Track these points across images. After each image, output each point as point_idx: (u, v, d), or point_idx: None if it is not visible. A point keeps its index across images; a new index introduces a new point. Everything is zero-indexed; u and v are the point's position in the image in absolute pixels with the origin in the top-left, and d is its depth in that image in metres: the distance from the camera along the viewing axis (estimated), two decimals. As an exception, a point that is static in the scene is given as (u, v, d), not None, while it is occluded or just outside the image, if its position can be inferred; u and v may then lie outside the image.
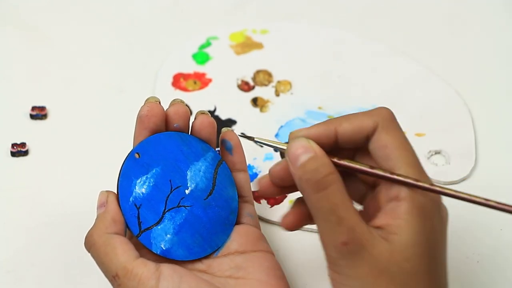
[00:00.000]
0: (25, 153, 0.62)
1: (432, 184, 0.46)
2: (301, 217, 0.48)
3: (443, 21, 0.75)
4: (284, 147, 0.47)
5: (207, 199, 0.51)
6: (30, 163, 0.61)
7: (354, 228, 0.44)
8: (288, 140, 0.48)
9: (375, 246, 0.44)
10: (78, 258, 0.54)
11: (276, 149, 0.51)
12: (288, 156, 0.46)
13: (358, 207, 0.49)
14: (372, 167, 0.47)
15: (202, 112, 0.52)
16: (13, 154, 0.61)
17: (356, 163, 0.47)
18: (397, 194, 0.45)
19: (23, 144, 0.62)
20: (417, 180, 0.45)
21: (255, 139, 0.50)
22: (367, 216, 0.47)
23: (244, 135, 0.52)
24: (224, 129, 0.53)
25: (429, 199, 0.46)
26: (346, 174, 0.48)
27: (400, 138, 0.47)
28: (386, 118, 0.48)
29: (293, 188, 0.47)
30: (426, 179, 0.46)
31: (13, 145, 0.61)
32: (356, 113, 0.48)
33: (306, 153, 0.46)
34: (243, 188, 0.53)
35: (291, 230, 0.49)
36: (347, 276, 0.45)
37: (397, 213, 0.45)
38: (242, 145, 0.53)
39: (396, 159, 0.46)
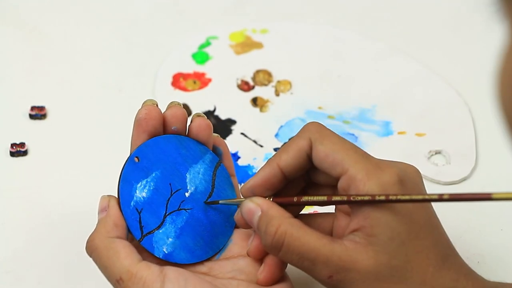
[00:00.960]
0: (24, 153, 0.61)
1: (386, 195, 0.45)
2: (275, 268, 0.49)
3: (444, 21, 0.75)
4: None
5: (207, 201, 0.51)
6: (29, 163, 0.61)
7: (330, 259, 0.45)
8: (243, 195, 0.50)
9: (358, 261, 0.45)
10: (78, 258, 0.53)
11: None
12: (246, 220, 0.49)
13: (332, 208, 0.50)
14: (328, 196, 0.48)
15: (198, 115, 0.52)
16: (12, 154, 0.61)
17: (314, 196, 0.49)
18: (357, 192, 0.46)
19: (22, 144, 0.61)
20: (373, 196, 0.45)
21: (220, 202, 0.52)
22: (342, 215, 0.48)
23: (207, 202, 0.52)
24: (213, 135, 0.53)
25: (388, 181, 0.46)
26: (308, 187, 0.50)
27: (337, 143, 0.48)
28: (316, 131, 0.49)
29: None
30: (379, 173, 0.46)
31: (12, 145, 0.61)
32: (289, 141, 0.50)
33: (255, 214, 0.48)
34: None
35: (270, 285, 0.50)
36: None
37: (364, 213, 0.46)
38: (243, 144, 0.53)
39: (342, 163, 0.47)
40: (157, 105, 0.51)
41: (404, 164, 0.48)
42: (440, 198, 0.45)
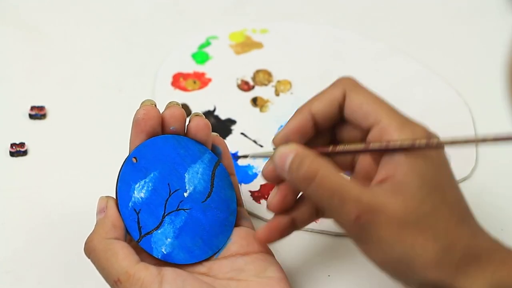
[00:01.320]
0: (24, 153, 0.61)
1: (428, 140, 0.47)
2: (287, 198, 0.50)
3: (444, 21, 0.75)
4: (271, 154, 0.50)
5: (206, 201, 0.51)
6: (29, 163, 0.61)
7: (360, 199, 0.46)
8: (275, 145, 0.50)
9: (387, 205, 0.46)
10: (78, 258, 0.53)
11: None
12: (277, 168, 0.49)
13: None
14: (366, 144, 0.49)
15: (196, 114, 0.52)
16: (12, 154, 0.61)
17: (351, 144, 0.49)
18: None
19: (22, 144, 0.61)
20: (413, 141, 0.47)
21: (250, 156, 0.52)
22: (366, 177, 0.49)
23: (238, 156, 0.53)
24: (212, 134, 0.53)
25: (421, 136, 0.47)
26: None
27: (370, 95, 0.49)
28: (351, 83, 0.50)
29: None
30: (412, 126, 0.48)
31: (12, 145, 0.61)
32: (322, 91, 0.51)
33: (288, 157, 0.48)
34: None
35: (277, 212, 0.50)
36: (373, 243, 0.46)
37: (395, 162, 0.47)
38: (243, 144, 0.53)
39: (375, 113, 0.48)
40: (155, 105, 0.51)
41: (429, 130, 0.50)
42: (484, 139, 0.48)
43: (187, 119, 0.52)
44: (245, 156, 0.52)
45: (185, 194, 0.51)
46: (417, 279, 0.47)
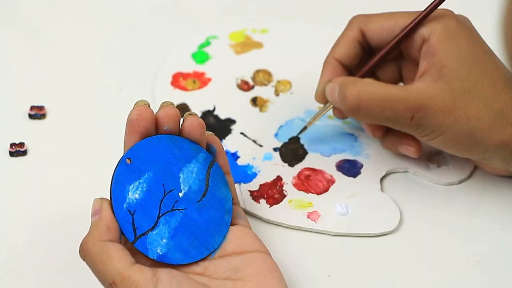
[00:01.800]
0: (24, 153, 0.61)
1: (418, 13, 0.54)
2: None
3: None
4: (329, 107, 0.59)
5: (201, 201, 0.51)
6: (29, 163, 0.61)
7: (407, 101, 0.52)
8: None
9: (433, 95, 0.52)
10: (77, 258, 0.53)
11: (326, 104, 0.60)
12: (333, 103, 0.57)
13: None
14: (379, 51, 0.56)
15: (190, 114, 0.52)
16: (12, 154, 0.61)
17: (371, 61, 0.57)
18: (422, 38, 0.53)
19: (21, 144, 0.61)
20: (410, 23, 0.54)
21: (308, 125, 0.61)
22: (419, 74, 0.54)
23: (300, 132, 0.61)
24: (207, 133, 0.53)
25: (448, 20, 0.53)
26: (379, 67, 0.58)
27: (384, 15, 0.59)
28: (362, 17, 0.59)
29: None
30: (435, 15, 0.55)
31: (12, 145, 0.61)
32: (339, 36, 0.59)
33: (335, 89, 0.55)
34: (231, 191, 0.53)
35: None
36: (434, 131, 0.53)
37: (432, 50, 0.53)
38: (242, 144, 0.54)
39: (396, 23, 0.56)
40: (149, 106, 0.51)
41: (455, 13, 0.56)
42: None
43: (181, 119, 0.52)
44: (304, 129, 0.61)
45: (180, 194, 0.51)
46: (481, 147, 0.54)
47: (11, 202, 0.58)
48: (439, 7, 0.55)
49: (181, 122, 0.52)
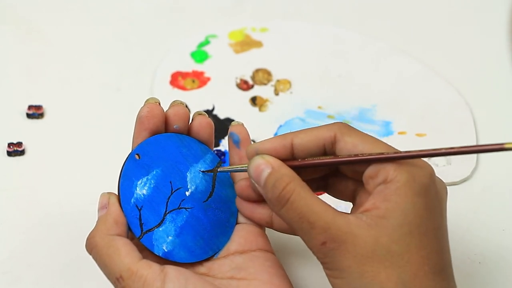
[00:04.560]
0: (22, 152, 0.61)
1: (396, 152, 0.46)
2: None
3: (445, 20, 0.75)
4: (246, 169, 0.49)
5: (207, 201, 0.51)
6: (27, 162, 0.61)
7: (328, 227, 0.45)
8: (247, 157, 0.49)
9: (356, 236, 0.45)
10: (76, 259, 0.53)
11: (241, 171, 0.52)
12: (252, 179, 0.48)
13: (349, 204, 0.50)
14: (335, 156, 0.48)
15: (199, 113, 0.52)
16: (9, 153, 0.61)
17: (319, 158, 0.48)
18: (384, 178, 0.46)
19: (19, 144, 0.61)
20: (381, 153, 0.46)
21: (218, 170, 0.52)
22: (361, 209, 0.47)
23: (203, 171, 0.52)
24: (233, 122, 0.53)
25: (420, 176, 0.46)
26: (333, 174, 0.50)
27: (365, 135, 0.48)
28: (344, 126, 0.48)
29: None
30: (411, 162, 0.46)
31: (9, 144, 0.61)
32: (312, 127, 0.49)
33: (264, 171, 0.47)
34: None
35: (244, 197, 0.50)
36: (336, 270, 0.45)
37: (385, 195, 0.45)
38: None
39: (373, 151, 0.47)
40: (159, 104, 0.51)
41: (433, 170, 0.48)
42: (450, 152, 0.46)
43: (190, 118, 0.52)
44: (212, 171, 0.52)
45: (187, 193, 0.51)
46: None
47: (9, 202, 0.58)
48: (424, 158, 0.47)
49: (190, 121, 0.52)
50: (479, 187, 0.60)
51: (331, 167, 0.50)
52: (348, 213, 0.46)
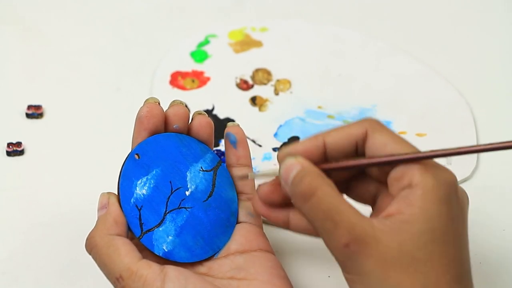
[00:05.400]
0: (21, 152, 0.61)
1: (432, 151, 0.45)
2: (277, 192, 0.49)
3: (446, 20, 0.75)
4: (277, 173, 0.48)
5: (207, 200, 0.51)
6: (26, 162, 0.61)
7: (353, 228, 0.44)
8: (277, 160, 0.48)
9: (381, 240, 0.44)
10: (75, 259, 0.53)
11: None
12: (282, 179, 0.47)
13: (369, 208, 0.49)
14: (370, 157, 0.47)
15: (199, 113, 0.52)
16: (9, 153, 0.61)
17: (354, 159, 0.47)
18: (409, 182, 0.45)
19: (18, 144, 0.61)
20: (416, 153, 0.45)
21: (250, 176, 0.51)
22: (382, 212, 0.46)
23: (241, 176, 0.52)
24: (230, 123, 0.53)
25: (445, 183, 0.45)
26: (355, 177, 0.49)
27: (395, 135, 0.47)
28: (375, 123, 0.47)
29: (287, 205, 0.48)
30: (436, 168, 0.45)
31: (9, 144, 0.61)
32: (343, 125, 0.48)
33: (294, 169, 0.46)
34: (246, 185, 0.53)
35: (266, 201, 0.49)
36: (357, 274, 0.44)
37: (410, 200, 0.45)
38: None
39: (402, 151, 0.46)
40: (159, 103, 0.51)
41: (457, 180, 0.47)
42: (482, 149, 0.46)
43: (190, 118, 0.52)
44: (245, 177, 0.52)
45: (187, 193, 0.51)
46: None
47: (8, 202, 0.58)
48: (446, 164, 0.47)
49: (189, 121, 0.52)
50: (480, 187, 0.60)
51: (360, 168, 0.49)
52: (372, 218, 0.45)
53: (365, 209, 0.49)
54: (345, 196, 0.51)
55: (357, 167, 0.48)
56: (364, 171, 0.49)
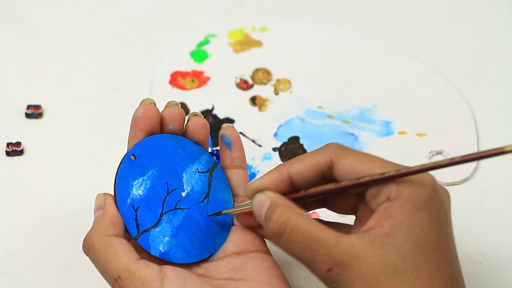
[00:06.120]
0: (20, 152, 0.61)
1: (397, 170, 0.45)
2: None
3: (446, 20, 0.75)
4: (250, 208, 0.49)
5: (203, 202, 0.51)
6: (25, 162, 0.61)
7: (332, 253, 0.45)
8: (247, 197, 0.49)
9: (362, 258, 0.44)
10: (74, 259, 0.53)
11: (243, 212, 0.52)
12: (256, 217, 0.48)
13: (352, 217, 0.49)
14: (336, 183, 0.47)
15: (195, 114, 0.52)
16: (8, 153, 0.61)
17: (321, 186, 0.48)
18: (388, 196, 0.45)
19: (18, 144, 0.61)
20: (383, 173, 0.45)
21: (223, 213, 0.51)
22: (363, 223, 0.47)
23: (210, 215, 0.52)
24: (224, 125, 0.53)
25: (423, 188, 0.45)
26: (332, 193, 0.49)
27: (361, 154, 0.47)
28: (337, 148, 0.48)
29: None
30: (413, 178, 0.45)
31: (8, 144, 0.61)
32: (306, 153, 0.49)
33: (264, 206, 0.47)
34: (240, 187, 0.53)
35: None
36: None
37: (389, 213, 0.45)
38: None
39: (370, 171, 0.46)
40: (154, 104, 0.51)
41: (437, 183, 0.47)
42: (452, 162, 0.44)
43: (185, 119, 0.52)
44: (218, 214, 0.51)
45: (183, 194, 0.51)
46: None
47: (7, 202, 0.58)
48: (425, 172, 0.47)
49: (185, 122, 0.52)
50: (480, 187, 0.60)
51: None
52: (350, 235, 0.46)
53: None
54: (324, 210, 0.51)
55: (326, 194, 0.48)
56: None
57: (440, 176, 0.60)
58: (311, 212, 0.57)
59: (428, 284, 0.44)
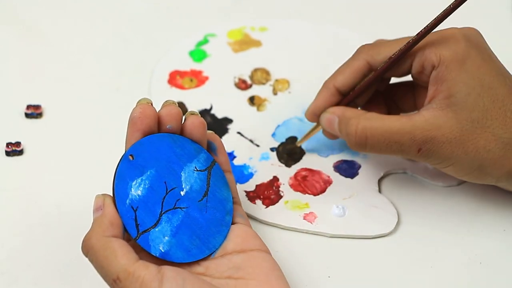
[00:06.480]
0: (20, 152, 0.61)
1: (417, 34, 0.52)
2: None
3: (446, 20, 0.74)
4: (320, 128, 0.57)
5: (202, 200, 0.51)
6: (25, 162, 0.61)
7: (414, 135, 0.50)
8: (310, 121, 0.58)
9: (440, 126, 0.50)
10: (74, 259, 0.53)
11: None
12: (329, 131, 0.56)
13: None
14: (375, 71, 0.54)
15: (192, 113, 0.52)
16: (8, 153, 0.61)
17: (363, 80, 0.54)
18: (432, 65, 0.51)
19: (17, 144, 0.61)
20: (407, 43, 0.52)
21: (298, 143, 0.60)
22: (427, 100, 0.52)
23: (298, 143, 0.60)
24: (207, 132, 0.53)
25: (456, 43, 0.51)
26: (388, 89, 0.57)
27: (388, 43, 0.56)
28: (369, 48, 0.56)
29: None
30: (442, 37, 0.53)
31: (8, 144, 0.61)
32: (343, 64, 0.57)
33: (334, 122, 0.54)
34: (232, 189, 0.53)
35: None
36: (442, 162, 0.52)
37: (440, 78, 0.51)
38: (239, 144, 0.54)
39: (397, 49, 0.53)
40: (151, 104, 0.51)
41: (464, 29, 0.53)
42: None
43: (183, 118, 0.52)
44: (296, 146, 0.60)
45: (182, 193, 0.51)
46: (493, 177, 0.52)
47: (7, 202, 0.58)
48: (443, 27, 0.53)
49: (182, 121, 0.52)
50: (480, 187, 0.59)
51: (380, 81, 0.55)
52: (420, 112, 0.51)
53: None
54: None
55: (369, 84, 0.54)
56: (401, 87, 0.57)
57: (440, 176, 0.60)
58: (307, 212, 0.58)
59: (503, 118, 0.50)
